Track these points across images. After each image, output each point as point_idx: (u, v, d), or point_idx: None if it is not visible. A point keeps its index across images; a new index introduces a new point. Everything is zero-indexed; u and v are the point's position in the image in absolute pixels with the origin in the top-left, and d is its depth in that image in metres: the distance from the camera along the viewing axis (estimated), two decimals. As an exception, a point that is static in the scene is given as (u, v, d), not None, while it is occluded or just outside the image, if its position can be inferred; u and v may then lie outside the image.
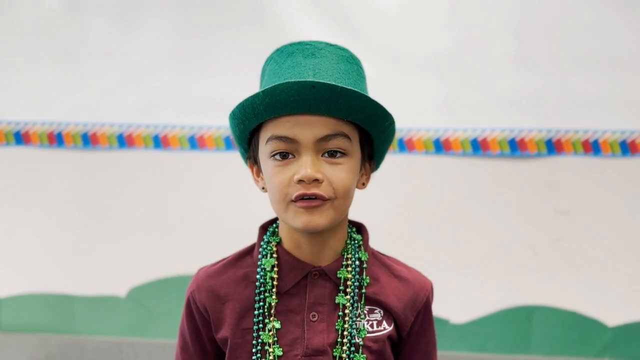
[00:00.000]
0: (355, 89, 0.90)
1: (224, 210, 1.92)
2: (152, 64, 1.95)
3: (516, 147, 1.84)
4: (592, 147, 1.81)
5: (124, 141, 1.95)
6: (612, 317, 1.81)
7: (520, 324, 1.83)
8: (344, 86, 0.89)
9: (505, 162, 1.85)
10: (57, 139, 1.96)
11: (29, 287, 1.97)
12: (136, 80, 1.95)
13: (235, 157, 1.91)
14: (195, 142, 1.93)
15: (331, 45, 0.99)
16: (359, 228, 1.06)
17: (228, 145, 1.92)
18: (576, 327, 1.81)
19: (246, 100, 0.93)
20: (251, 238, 1.05)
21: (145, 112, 1.95)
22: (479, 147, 1.85)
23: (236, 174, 1.92)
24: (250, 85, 1.89)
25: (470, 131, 1.85)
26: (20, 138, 1.98)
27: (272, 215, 1.03)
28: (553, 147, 1.83)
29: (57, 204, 1.97)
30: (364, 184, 1.03)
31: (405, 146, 1.86)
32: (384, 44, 1.87)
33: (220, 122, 1.92)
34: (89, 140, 1.96)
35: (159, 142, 1.94)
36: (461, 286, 1.84)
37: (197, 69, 1.94)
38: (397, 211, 1.87)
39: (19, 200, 1.99)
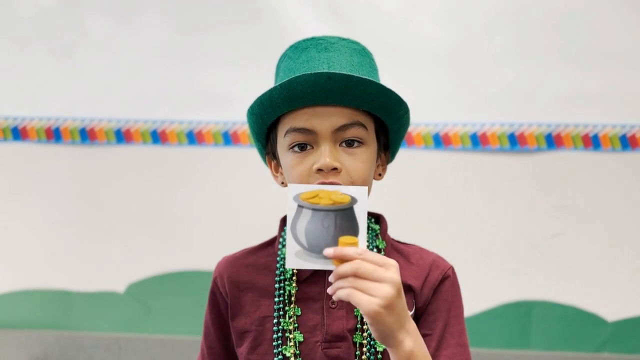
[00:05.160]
0: (370, 78, 0.92)
1: (222, 205, 1.92)
2: (150, 59, 1.94)
3: (516, 141, 1.83)
4: (592, 142, 1.81)
5: (122, 136, 1.94)
6: (612, 311, 1.80)
7: (520, 318, 1.83)
8: (359, 76, 0.91)
9: (505, 157, 1.84)
10: (54, 135, 1.96)
11: (26, 283, 1.96)
12: (134, 76, 1.95)
13: (233, 152, 1.92)
14: (193, 137, 1.92)
15: (344, 39, 1.01)
16: (378, 218, 1.07)
17: (226, 140, 1.91)
18: (575, 322, 1.81)
19: (264, 95, 0.94)
20: (250, 233, 1.05)
21: (144, 107, 1.94)
22: (478, 141, 1.84)
23: (235, 169, 1.92)
24: (248, 80, 1.90)
25: (469, 126, 1.84)
26: (18, 133, 1.97)
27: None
28: (553, 141, 1.82)
29: (54, 200, 1.97)
30: (380, 175, 1.05)
31: (404, 141, 1.85)
32: (382, 39, 1.86)
33: (218, 117, 1.91)
34: (86, 135, 1.95)
35: (157, 137, 1.93)
36: (460, 281, 1.83)
37: (195, 64, 1.93)
38: (395, 206, 1.86)
39: (17, 196, 1.98)
